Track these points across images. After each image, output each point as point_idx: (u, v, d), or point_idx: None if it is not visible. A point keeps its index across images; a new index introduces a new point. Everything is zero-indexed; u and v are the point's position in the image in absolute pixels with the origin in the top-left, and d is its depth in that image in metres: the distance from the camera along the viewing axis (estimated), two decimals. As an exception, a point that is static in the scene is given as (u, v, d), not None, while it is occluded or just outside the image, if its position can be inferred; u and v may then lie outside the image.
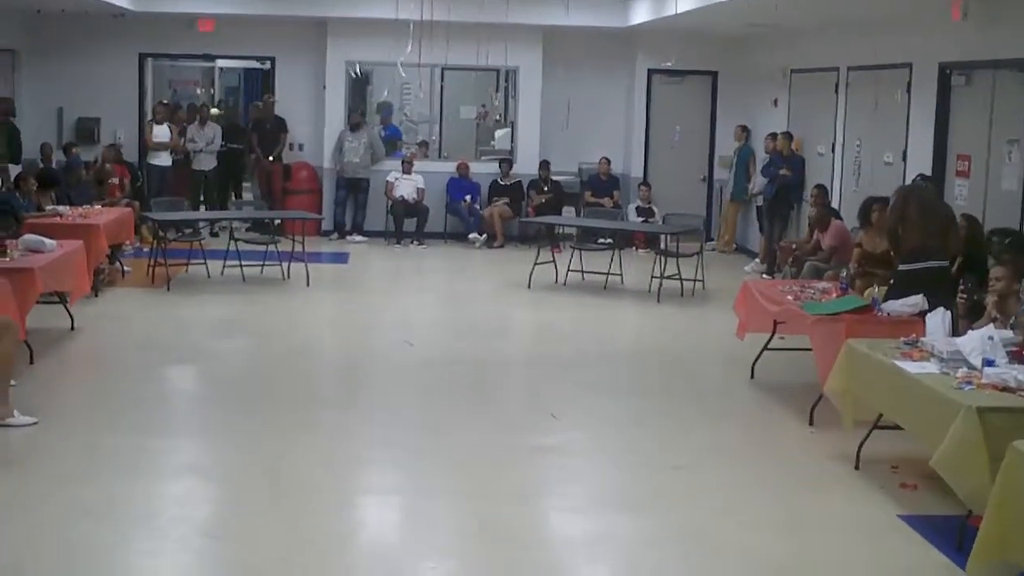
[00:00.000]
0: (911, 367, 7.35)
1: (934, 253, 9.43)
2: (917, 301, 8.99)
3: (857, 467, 7.97)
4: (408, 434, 8.82)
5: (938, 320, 8.30)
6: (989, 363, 7.04)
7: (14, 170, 15.43)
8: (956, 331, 8.17)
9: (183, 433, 8.91)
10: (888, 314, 9.10)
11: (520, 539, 6.80)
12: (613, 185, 19.20)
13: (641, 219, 18.56)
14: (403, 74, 17.68)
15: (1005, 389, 6.76)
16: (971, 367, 7.14)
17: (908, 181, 13.07)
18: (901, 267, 9.51)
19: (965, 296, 8.71)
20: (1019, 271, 8.06)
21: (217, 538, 6.62)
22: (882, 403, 7.77)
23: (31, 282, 9.97)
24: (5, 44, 18.29)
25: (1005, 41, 11.30)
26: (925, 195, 10.07)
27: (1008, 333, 7.55)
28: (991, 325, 7.74)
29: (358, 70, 19.23)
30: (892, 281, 9.59)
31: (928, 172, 12.61)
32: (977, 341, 7.32)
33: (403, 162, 19.01)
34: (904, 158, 13.42)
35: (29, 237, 11.00)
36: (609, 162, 19.25)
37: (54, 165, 16.60)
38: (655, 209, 18.79)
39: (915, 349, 7.72)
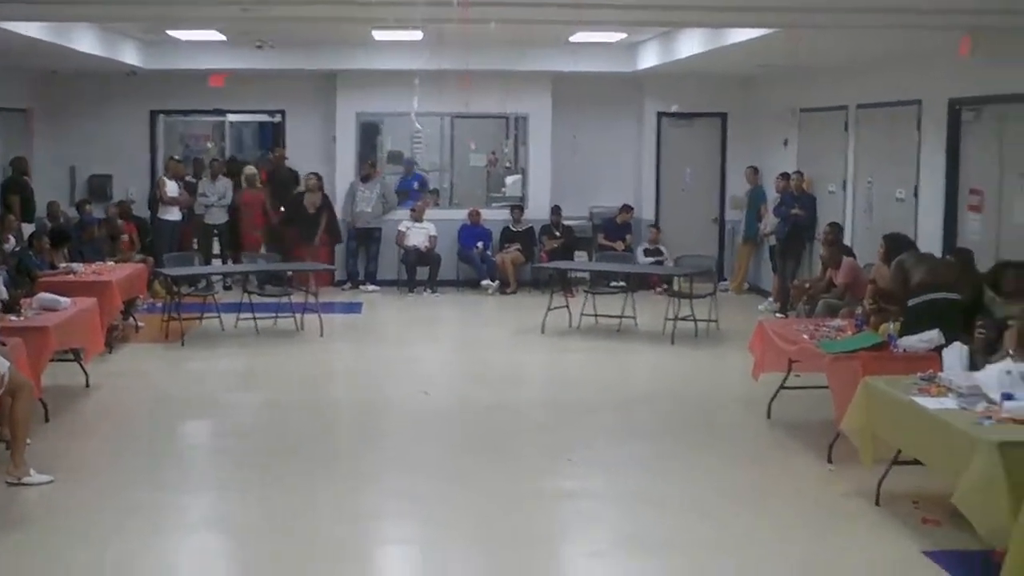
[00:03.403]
0: (929, 403, 7.31)
1: (943, 286, 9.41)
2: (933, 336, 8.94)
3: (878, 503, 7.91)
4: (426, 483, 8.78)
5: (955, 355, 8.24)
6: (1008, 397, 7.00)
7: (27, 229, 15.47)
8: (974, 366, 8.11)
9: (200, 488, 8.88)
10: (904, 350, 9.05)
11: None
12: (627, 229, 19.20)
13: (650, 260, 18.54)
14: (418, 126, 17.75)
15: (1025, 423, 6.71)
16: (990, 402, 7.10)
17: (920, 217, 13.11)
18: (911, 302, 9.48)
19: (984, 332, 8.67)
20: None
21: None
22: (901, 439, 7.72)
23: (45, 340, 9.99)
24: (19, 104, 18.40)
25: (1014, 76, 11.30)
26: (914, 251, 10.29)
27: (1025, 367, 7.50)
28: (1008, 359, 7.70)
29: (366, 120, 19.31)
30: (903, 318, 9.54)
31: (940, 207, 12.61)
32: (995, 375, 7.28)
33: (412, 211, 19.03)
34: (916, 194, 13.40)
35: (43, 296, 11.04)
36: (632, 209, 19.26)
37: (64, 222, 16.63)
38: (663, 250, 18.76)
39: (933, 385, 7.68)
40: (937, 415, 7.11)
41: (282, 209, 18.79)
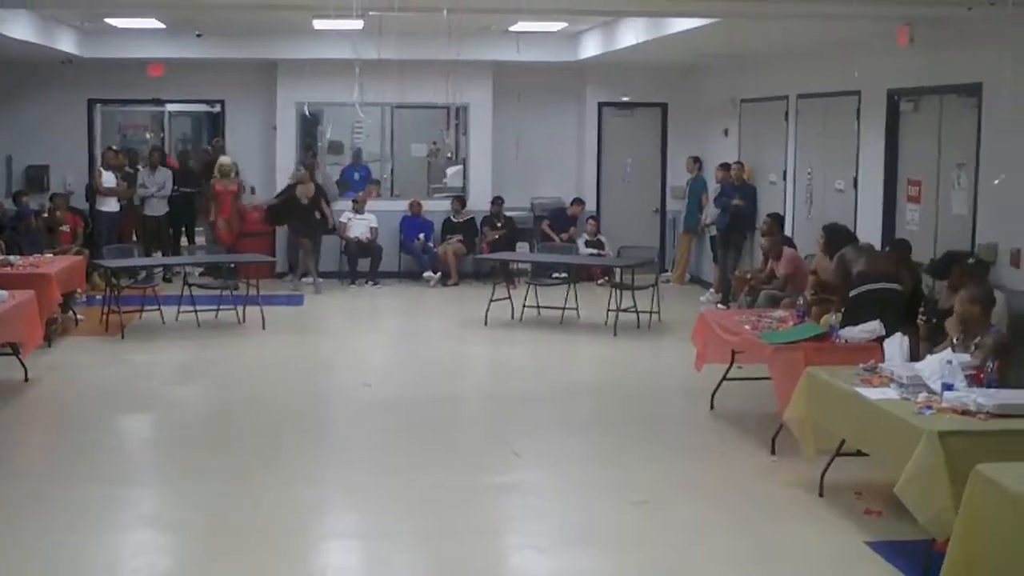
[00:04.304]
0: (871, 393, 7.37)
1: (883, 277, 9.50)
2: (874, 327, 9.02)
3: (821, 494, 7.97)
4: (368, 476, 8.75)
5: (896, 345, 8.31)
6: (948, 387, 7.06)
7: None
8: (917, 355, 8.18)
9: (141, 482, 8.80)
10: (846, 341, 9.12)
11: (485, 579, 6.76)
12: (572, 221, 19.19)
13: (590, 251, 18.56)
14: (361, 114, 17.65)
15: (965, 412, 6.78)
16: (931, 392, 7.16)
17: (860, 207, 13.21)
18: (852, 292, 9.55)
19: (924, 319, 8.74)
20: (983, 295, 8.09)
21: None
22: (844, 430, 7.78)
23: (-18, 334, 9.87)
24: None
25: (951, 66, 11.40)
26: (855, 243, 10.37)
27: (966, 357, 7.58)
28: (949, 349, 7.77)
29: (307, 110, 19.19)
30: (845, 309, 9.61)
31: (880, 198, 12.72)
32: (936, 365, 7.34)
33: (354, 202, 18.95)
34: (855, 185, 13.50)
35: (-21, 288, 10.89)
36: (583, 203, 19.28)
37: (2, 213, 16.45)
38: (603, 241, 18.78)
39: (875, 375, 7.74)
40: (879, 405, 7.17)
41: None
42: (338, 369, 12.95)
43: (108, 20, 16.21)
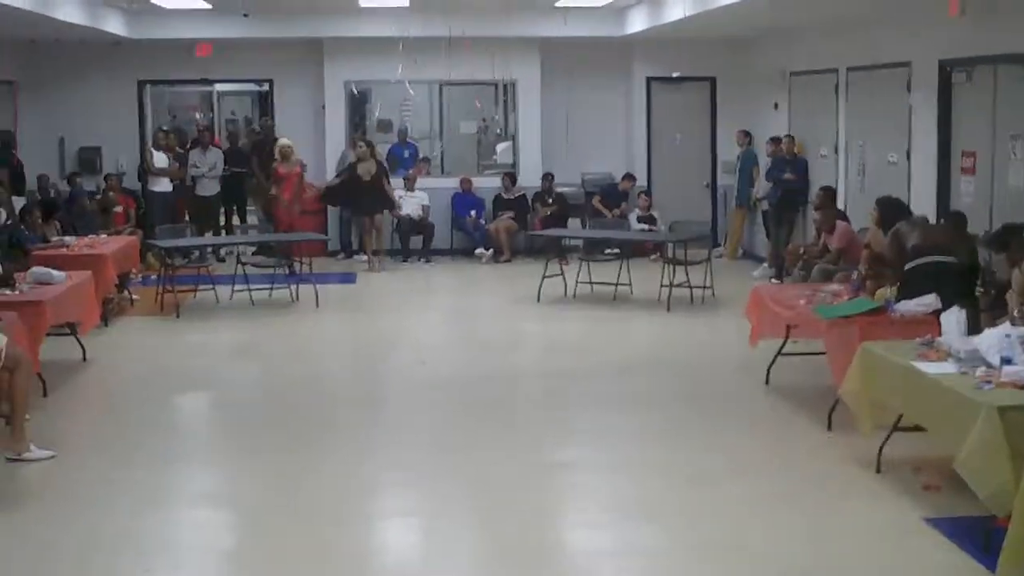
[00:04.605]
0: (929, 368, 7.30)
1: (939, 249, 9.42)
2: (930, 301, 8.93)
3: (879, 470, 7.91)
4: (424, 454, 8.79)
5: (953, 319, 8.22)
6: (1007, 361, 6.98)
7: (18, 203, 15.41)
8: (979, 327, 8.08)
9: (199, 461, 8.89)
10: (902, 315, 9.04)
11: (541, 556, 6.79)
12: (624, 196, 19.16)
13: (643, 226, 18.51)
14: (411, 92, 17.66)
15: (1024, 387, 6.72)
16: (990, 366, 7.08)
17: (913, 180, 13.12)
18: (907, 266, 9.47)
19: (984, 289, 8.66)
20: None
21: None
22: (901, 405, 7.72)
23: (41, 315, 9.97)
24: (4, 76, 18.30)
25: (1004, 35, 11.28)
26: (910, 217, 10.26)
27: (1025, 330, 7.51)
28: (1008, 322, 7.70)
29: (355, 89, 19.21)
30: (900, 283, 9.54)
31: (933, 170, 12.63)
32: (995, 339, 7.26)
33: (405, 180, 18.99)
34: (908, 157, 13.40)
35: (37, 270, 11.00)
36: (634, 179, 19.24)
37: (55, 196, 16.59)
38: (656, 216, 18.73)
39: (932, 349, 7.66)
40: (937, 380, 7.10)
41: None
42: (393, 347, 13.00)
43: (155, 1, 16.28)
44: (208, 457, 9.07)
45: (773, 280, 15.62)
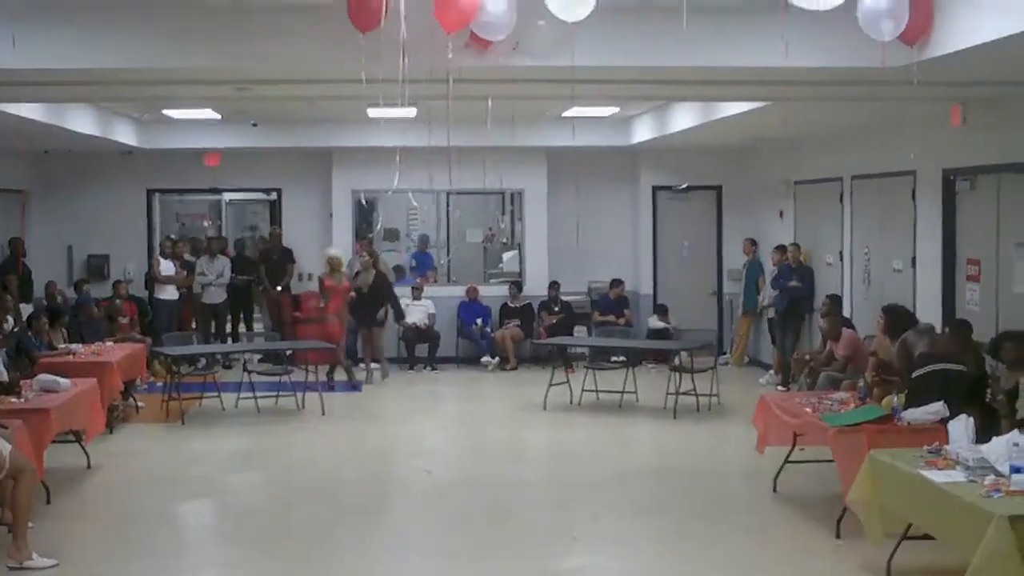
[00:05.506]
0: (937, 476, 7.26)
1: (946, 357, 9.40)
2: (938, 408, 8.92)
3: (888, 580, 7.86)
4: (430, 562, 8.73)
5: (961, 427, 8.21)
6: (1016, 470, 6.95)
7: (26, 310, 15.46)
8: (987, 435, 8.02)
9: (202, 571, 8.82)
10: (909, 423, 9.02)
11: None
12: (623, 304, 19.19)
13: (662, 326, 18.56)
14: (415, 203, 17.75)
15: (1034, 496, 6.68)
16: (998, 474, 7.05)
17: (919, 287, 13.14)
18: (914, 373, 9.46)
19: (991, 397, 8.64)
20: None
21: None
22: (910, 513, 7.66)
23: (47, 423, 9.96)
24: (15, 185, 18.46)
25: (1007, 145, 11.39)
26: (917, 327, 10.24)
27: (1033, 438, 7.47)
28: (1015, 431, 7.67)
29: (363, 199, 19.35)
30: (907, 391, 9.51)
31: (938, 277, 12.66)
32: (1003, 447, 7.25)
33: (412, 288, 19.05)
34: (913, 264, 13.44)
35: (43, 377, 11.02)
36: (622, 284, 19.28)
37: (62, 303, 16.66)
38: (669, 328, 18.68)
39: (939, 458, 7.64)
40: (945, 488, 7.07)
41: (279, 288, 18.80)
42: (398, 455, 12.94)
43: (165, 111, 16.46)
44: (212, 567, 8.99)
45: (779, 387, 15.58)
